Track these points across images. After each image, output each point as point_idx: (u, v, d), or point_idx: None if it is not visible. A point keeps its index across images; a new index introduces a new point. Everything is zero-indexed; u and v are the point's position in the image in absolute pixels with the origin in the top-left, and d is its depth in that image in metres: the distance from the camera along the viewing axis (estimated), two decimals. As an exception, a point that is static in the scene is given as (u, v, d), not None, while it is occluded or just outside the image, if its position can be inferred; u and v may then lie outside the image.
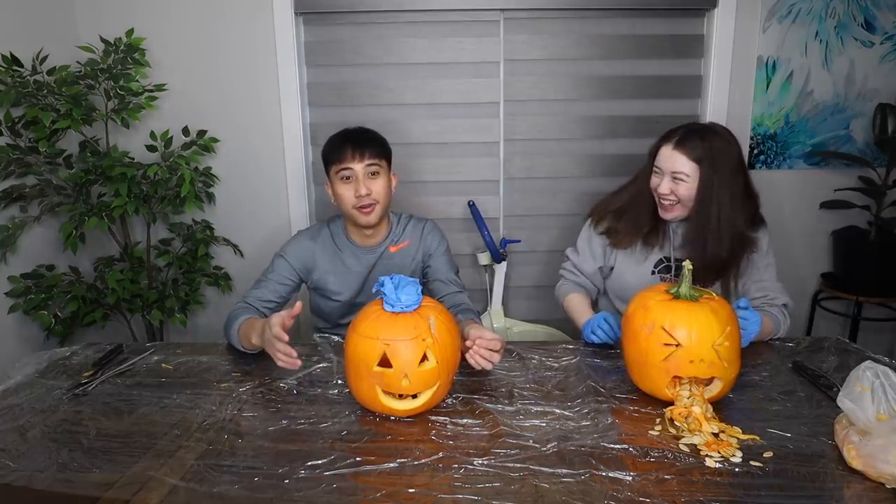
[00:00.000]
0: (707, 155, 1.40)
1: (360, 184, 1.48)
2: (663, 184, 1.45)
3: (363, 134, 1.54)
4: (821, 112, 2.29)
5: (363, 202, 1.49)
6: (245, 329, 1.35)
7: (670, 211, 1.48)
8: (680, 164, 1.42)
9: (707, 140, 1.42)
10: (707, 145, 1.41)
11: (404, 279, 1.10)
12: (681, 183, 1.43)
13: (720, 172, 1.41)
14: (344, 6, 2.19)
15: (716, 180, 1.41)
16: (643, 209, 1.54)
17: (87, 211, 1.88)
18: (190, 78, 2.21)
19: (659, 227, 1.54)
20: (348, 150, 1.48)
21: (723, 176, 1.41)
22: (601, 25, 2.25)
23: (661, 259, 1.56)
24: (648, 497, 0.83)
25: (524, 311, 2.47)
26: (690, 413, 1.03)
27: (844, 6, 2.20)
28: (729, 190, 1.42)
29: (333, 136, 1.56)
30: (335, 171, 1.50)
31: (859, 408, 0.88)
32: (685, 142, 1.42)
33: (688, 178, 1.42)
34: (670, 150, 1.44)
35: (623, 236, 1.56)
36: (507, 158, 2.35)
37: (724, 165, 1.41)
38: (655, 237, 1.54)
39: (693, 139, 1.42)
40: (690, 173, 1.42)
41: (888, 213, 2.25)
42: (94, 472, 0.92)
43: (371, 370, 1.04)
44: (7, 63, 1.79)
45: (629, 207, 1.57)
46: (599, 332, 1.38)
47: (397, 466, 0.92)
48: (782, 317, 1.47)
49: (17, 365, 1.33)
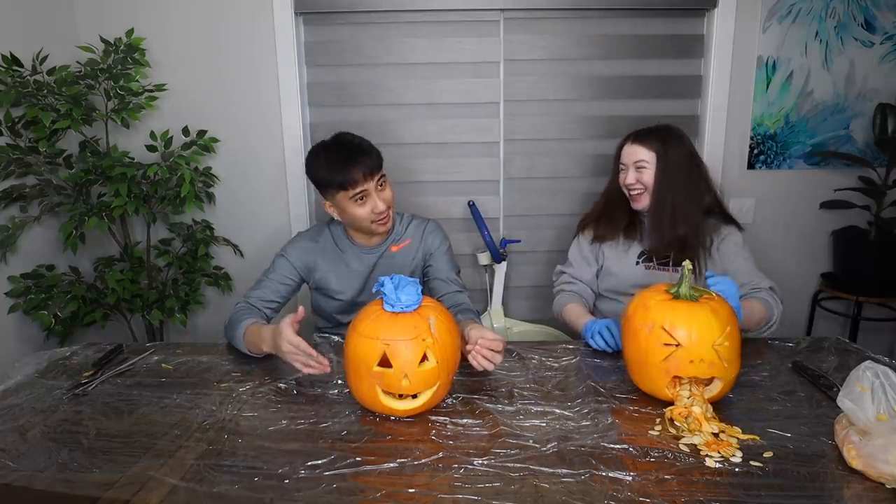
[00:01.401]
0: (661, 145, 1.59)
1: (376, 201, 1.46)
2: (629, 175, 1.63)
3: (359, 149, 1.46)
4: (821, 112, 2.29)
5: (380, 216, 1.49)
6: (252, 336, 1.34)
7: (639, 200, 1.64)
8: (640, 153, 1.60)
9: (660, 134, 1.61)
10: (660, 136, 1.61)
11: (404, 279, 1.10)
12: (643, 171, 1.60)
13: (672, 162, 1.58)
14: (344, 6, 2.19)
15: (669, 168, 1.58)
16: (616, 206, 1.70)
17: (87, 211, 1.88)
18: (190, 78, 2.21)
19: (634, 221, 1.69)
20: (357, 171, 1.42)
21: (675, 165, 1.58)
22: (601, 25, 2.25)
23: (641, 251, 1.67)
24: (648, 497, 0.84)
25: (524, 311, 2.47)
26: (690, 413, 1.03)
27: (844, 6, 2.20)
28: (682, 178, 1.58)
29: (324, 155, 1.47)
30: (349, 196, 1.44)
31: (859, 408, 0.88)
32: (642, 136, 1.63)
33: (649, 165, 1.60)
34: (630, 146, 1.64)
35: (608, 232, 1.70)
36: (507, 158, 2.34)
37: (675, 156, 1.59)
38: (633, 230, 1.69)
39: (648, 134, 1.63)
40: (650, 160, 1.60)
41: (888, 213, 2.25)
42: (94, 472, 0.92)
43: (371, 370, 1.04)
44: (7, 63, 1.79)
45: (605, 208, 1.73)
46: (598, 338, 1.38)
47: (397, 466, 0.92)
48: (772, 300, 1.53)
49: (17, 365, 1.34)
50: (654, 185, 1.60)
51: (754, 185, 2.34)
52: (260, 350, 1.32)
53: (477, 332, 1.20)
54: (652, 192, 1.60)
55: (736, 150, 2.30)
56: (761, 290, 1.55)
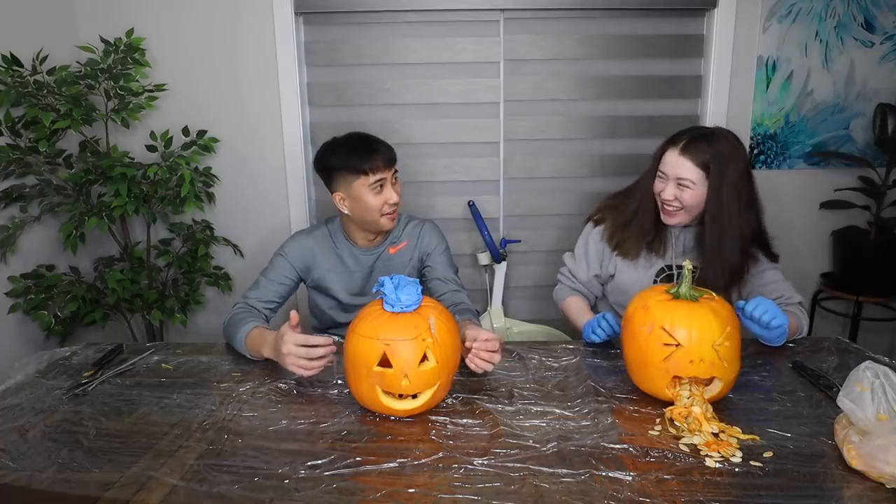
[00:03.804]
0: (715, 160, 1.37)
1: (391, 192, 1.49)
2: (668, 189, 1.42)
3: (378, 141, 1.52)
4: (821, 112, 2.29)
5: (392, 209, 1.50)
6: (254, 340, 1.33)
7: (674, 217, 1.45)
8: (685, 170, 1.39)
9: (714, 145, 1.38)
10: (715, 150, 1.37)
11: (404, 279, 1.10)
12: (686, 189, 1.40)
13: (728, 178, 1.37)
14: (344, 6, 2.19)
15: (725, 187, 1.37)
16: (647, 216, 1.51)
17: (87, 211, 1.88)
18: (190, 78, 2.21)
19: (661, 235, 1.52)
20: (379, 159, 1.46)
21: (731, 182, 1.37)
22: (601, 25, 2.25)
23: (662, 268, 1.54)
24: (648, 497, 0.84)
25: (524, 311, 2.47)
26: (690, 413, 1.03)
27: (844, 6, 2.20)
28: (737, 196, 1.38)
29: (344, 145, 1.51)
30: (368, 183, 1.46)
31: (859, 408, 0.88)
32: (691, 147, 1.39)
33: (693, 186, 1.39)
34: (676, 156, 1.40)
35: (631, 247, 1.54)
36: (507, 158, 2.35)
37: (732, 171, 1.37)
38: (658, 244, 1.52)
39: (699, 143, 1.38)
40: (696, 180, 1.38)
41: (888, 213, 2.25)
42: (94, 472, 0.92)
43: (371, 370, 1.04)
44: (7, 63, 1.79)
45: (634, 216, 1.53)
46: (599, 331, 1.38)
47: (397, 466, 0.92)
48: (801, 314, 1.44)
49: (17, 365, 1.33)
50: (705, 209, 1.40)
51: (754, 185, 2.34)
52: (260, 355, 1.32)
53: (472, 331, 1.19)
54: (704, 216, 1.42)
55: (736, 150, 2.30)
56: (792, 304, 1.44)
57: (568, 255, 1.71)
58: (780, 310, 1.26)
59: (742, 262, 1.45)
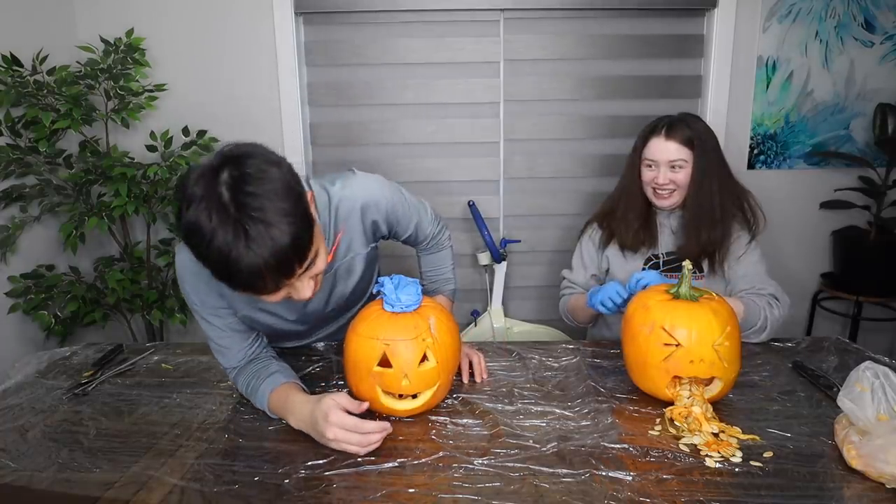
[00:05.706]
0: (697, 137, 1.46)
1: (301, 291, 0.95)
2: (661, 175, 1.48)
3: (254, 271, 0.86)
4: (821, 112, 2.29)
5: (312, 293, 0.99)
6: (278, 405, 1.05)
7: (669, 199, 1.50)
8: (674, 151, 1.46)
9: (692, 125, 1.47)
10: (694, 128, 1.47)
11: (404, 279, 1.10)
12: (680, 170, 1.47)
13: (709, 156, 1.46)
14: (344, 6, 2.19)
15: (706, 164, 1.46)
16: (632, 206, 1.56)
17: (87, 211, 1.89)
18: (190, 78, 2.21)
19: (649, 224, 1.56)
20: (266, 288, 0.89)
21: (711, 160, 1.47)
22: (601, 25, 2.25)
23: (650, 256, 1.57)
24: (648, 497, 0.83)
25: (524, 311, 2.47)
26: (690, 413, 1.03)
27: (844, 6, 2.20)
28: (718, 173, 1.47)
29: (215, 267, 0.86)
30: None
31: (859, 408, 0.88)
32: (674, 130, 1.47)
33: (686, 164, 1.46)
34: (663, 141, 1.47)
35: (624, 238, 1.57)
36: (507, 158, 2.35)
37: (711, 149, 1.47)
38: (646, 233, 1.56)
39: (679, 125, 1.47)
40: (687, 158, 1.46)
41: (888, 213, 2.25)
42: (94, 472, 0.92)
43: (371, 370, 1.04)
44: (7, 63, 1.79)
45: (618, 207, 1.59)
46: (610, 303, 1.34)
47: (397, 466, 0.92)
48: (767, 305, 1.39)
49: (17, 365, 1.33)
50: (690, 184, 1.47)
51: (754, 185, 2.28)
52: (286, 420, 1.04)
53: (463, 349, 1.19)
54: (689, 192, 1.48)
55: (736, 151, 2.30)
56: (763, 295, 1.43)
57: (566, 271, 1.74)
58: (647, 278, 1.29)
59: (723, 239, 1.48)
